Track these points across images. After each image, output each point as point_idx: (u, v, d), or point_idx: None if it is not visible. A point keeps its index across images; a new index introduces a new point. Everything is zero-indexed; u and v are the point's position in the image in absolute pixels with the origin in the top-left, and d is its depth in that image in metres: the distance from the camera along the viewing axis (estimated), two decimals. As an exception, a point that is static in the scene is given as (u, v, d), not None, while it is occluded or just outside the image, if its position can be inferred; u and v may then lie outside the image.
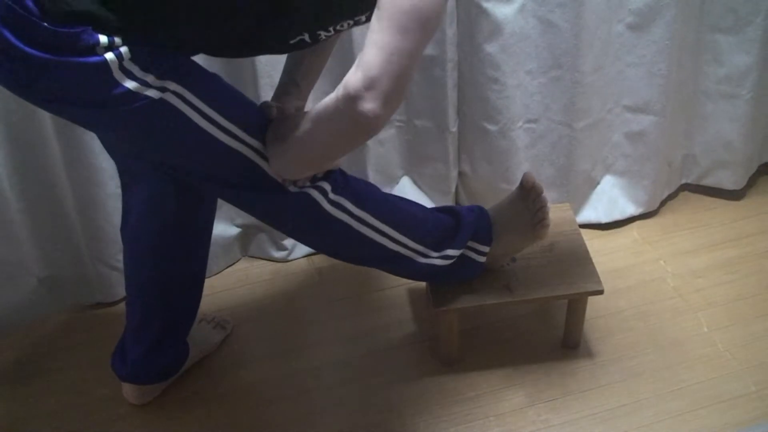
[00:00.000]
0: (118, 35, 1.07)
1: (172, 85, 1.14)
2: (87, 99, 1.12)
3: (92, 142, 1.57)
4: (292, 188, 1.28)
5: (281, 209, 1.34)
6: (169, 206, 1.42)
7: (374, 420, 1.55)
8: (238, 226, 1.89)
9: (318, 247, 1.48)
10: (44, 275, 1.72)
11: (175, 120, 1.16)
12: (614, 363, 1.63)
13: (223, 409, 1.58)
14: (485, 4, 1.68)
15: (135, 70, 1.10)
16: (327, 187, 1.31)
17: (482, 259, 1.53)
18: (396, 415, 1.56)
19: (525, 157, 1.90)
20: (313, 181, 1.30)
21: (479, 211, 1.54)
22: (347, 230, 1.36)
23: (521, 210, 1.51)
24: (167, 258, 1.48)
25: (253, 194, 1.30)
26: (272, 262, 1.93)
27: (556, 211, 1.72)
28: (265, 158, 1.26)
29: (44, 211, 1.64)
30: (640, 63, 1.83)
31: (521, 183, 1.51)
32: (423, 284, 1.78)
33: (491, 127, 1.83)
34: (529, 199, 1.50)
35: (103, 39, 1.06)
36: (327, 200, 1.32)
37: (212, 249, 1.83)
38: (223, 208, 1.83)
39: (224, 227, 1.86)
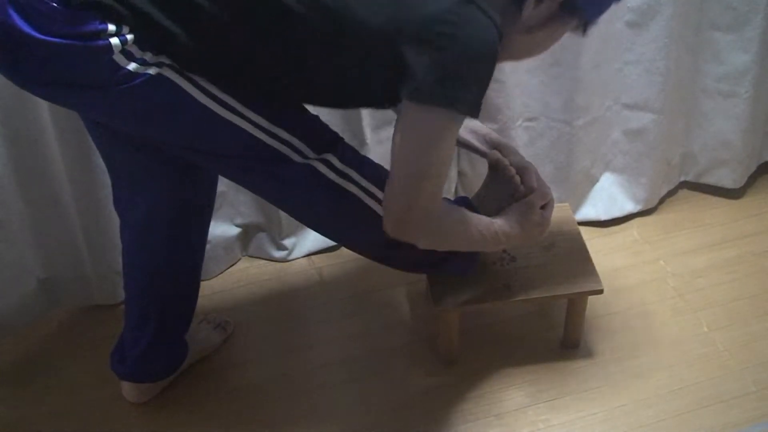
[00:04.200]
0: (127, 24, 1.11)
1: (168, 59, 1.15)
2: (88, 82, 1.14)
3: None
4: (297, 159, 1.28)
5: (284, 183, 1.32)
6: (166, 210, 1.42)
7: (374, 420, 1.55)
8: (238, 226, 1.89)
9: (322, 224, 1.45)
10: (44, 276, 1.72)
11: (173, 95, 1.17)
12: (614, 363, 1.64)
13: (223, 408, 1.59)
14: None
15: (134, 50, 1.12)
16: (333, 159, 1.31)
17: None
18: (396, 415, 1.56)
19: (524, 155, 1.87)
20: (319, 153, 1.30)
21: (465, 200, 1.56)
22: (355, 203, 1.35)
23: (497, 189, 1.52)
24: (164, 259, 1.48)
25: (254, 168, 1.30)
26: (272, 262, 1.93)
27: (556, 211, 1.70)
28: (265, 131, 1.24)
29: (44, 212, 1.64)
30: (639, 61, 1.83)
31: (488, 163, 1.52)
32: (423, 284, 1.78)
33: (491, 126, 1.83)
34: (499, 175, 1.51)
35: (111, 27, 1.09)
36: (334, 171, 1.31)
37: (212, 249, 1.84)
38: (223, 208, 1.83)
39: (224, 227, 1.86)
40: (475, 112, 1.17)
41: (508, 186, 1.50)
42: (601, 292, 1.56)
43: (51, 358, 1.70)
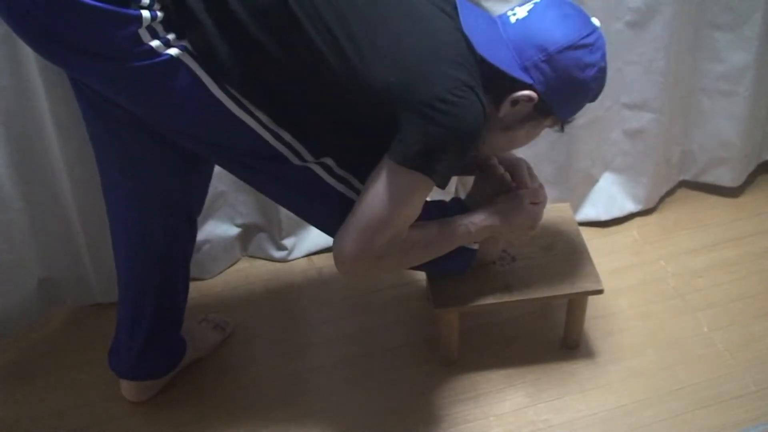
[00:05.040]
0: (159, 1, 1.12)
1: (189, 45, 1.15)
2: (107, 51, 1.14)
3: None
4: (295, 161, 1.30)
5: (281, 182, 1.34)
6: (162, 204, 1.42)
7: (374, 420, 1.55)
8: (238, 226, 1.89)
9: (321, 224, 1.46)
10: (44, 276, 1.72)
11: (187, 81, 1.17)
12: (614, 363, 1.64)
13: (222, 408, 1.59)
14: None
15: (159, 29, 1.13)
16: (331, 162, 1.32)
17: (474, 245, 1.53)
18: (396, 416, 1.56)
19: (524, 155, 1.88)
20: (317, 157, 1.31)
21: (458, 201, 1.57)
22: (350, 207, 1.35)
23: (487, 188, 1.53)
24: (161, 255, 1.48)
25: (253, 164, 1.31)
26: (272, 262, 1.93)
27: (556, 211, 1.72)
28: (269, 131, 1.26)
29: (44, 211, 1.64)
30: (639, 61, 1.83)
31: (477, 163, 1.54)
32: (423, 284, 1.78)
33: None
34: (488, 174, 1.52)
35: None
36: (332, 175, 1.33)
37: (212, 249, 1.84)
38: (223, 208, 1.83)
39: (224, 227, 1.86)
40: (444, 184, 1.29)
41: (499, 184, 1.50)
42: (601, 292, 1.56)
43: (51, 358, 1.70)
